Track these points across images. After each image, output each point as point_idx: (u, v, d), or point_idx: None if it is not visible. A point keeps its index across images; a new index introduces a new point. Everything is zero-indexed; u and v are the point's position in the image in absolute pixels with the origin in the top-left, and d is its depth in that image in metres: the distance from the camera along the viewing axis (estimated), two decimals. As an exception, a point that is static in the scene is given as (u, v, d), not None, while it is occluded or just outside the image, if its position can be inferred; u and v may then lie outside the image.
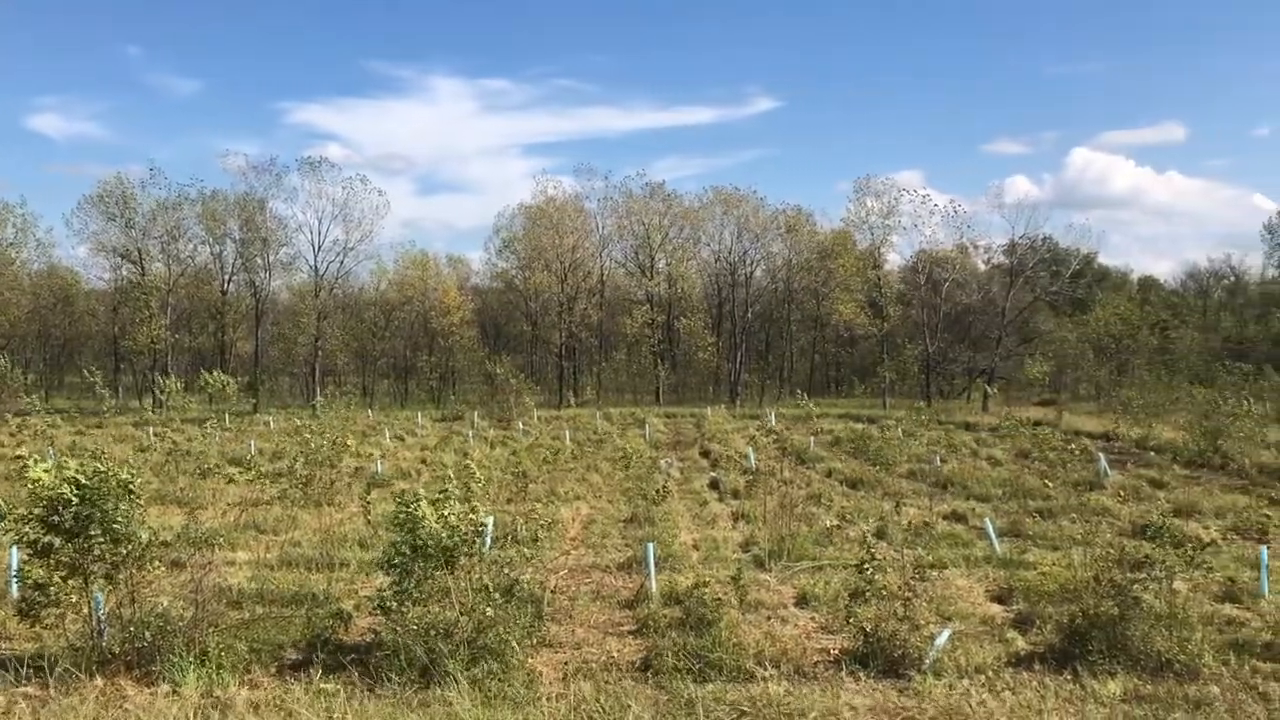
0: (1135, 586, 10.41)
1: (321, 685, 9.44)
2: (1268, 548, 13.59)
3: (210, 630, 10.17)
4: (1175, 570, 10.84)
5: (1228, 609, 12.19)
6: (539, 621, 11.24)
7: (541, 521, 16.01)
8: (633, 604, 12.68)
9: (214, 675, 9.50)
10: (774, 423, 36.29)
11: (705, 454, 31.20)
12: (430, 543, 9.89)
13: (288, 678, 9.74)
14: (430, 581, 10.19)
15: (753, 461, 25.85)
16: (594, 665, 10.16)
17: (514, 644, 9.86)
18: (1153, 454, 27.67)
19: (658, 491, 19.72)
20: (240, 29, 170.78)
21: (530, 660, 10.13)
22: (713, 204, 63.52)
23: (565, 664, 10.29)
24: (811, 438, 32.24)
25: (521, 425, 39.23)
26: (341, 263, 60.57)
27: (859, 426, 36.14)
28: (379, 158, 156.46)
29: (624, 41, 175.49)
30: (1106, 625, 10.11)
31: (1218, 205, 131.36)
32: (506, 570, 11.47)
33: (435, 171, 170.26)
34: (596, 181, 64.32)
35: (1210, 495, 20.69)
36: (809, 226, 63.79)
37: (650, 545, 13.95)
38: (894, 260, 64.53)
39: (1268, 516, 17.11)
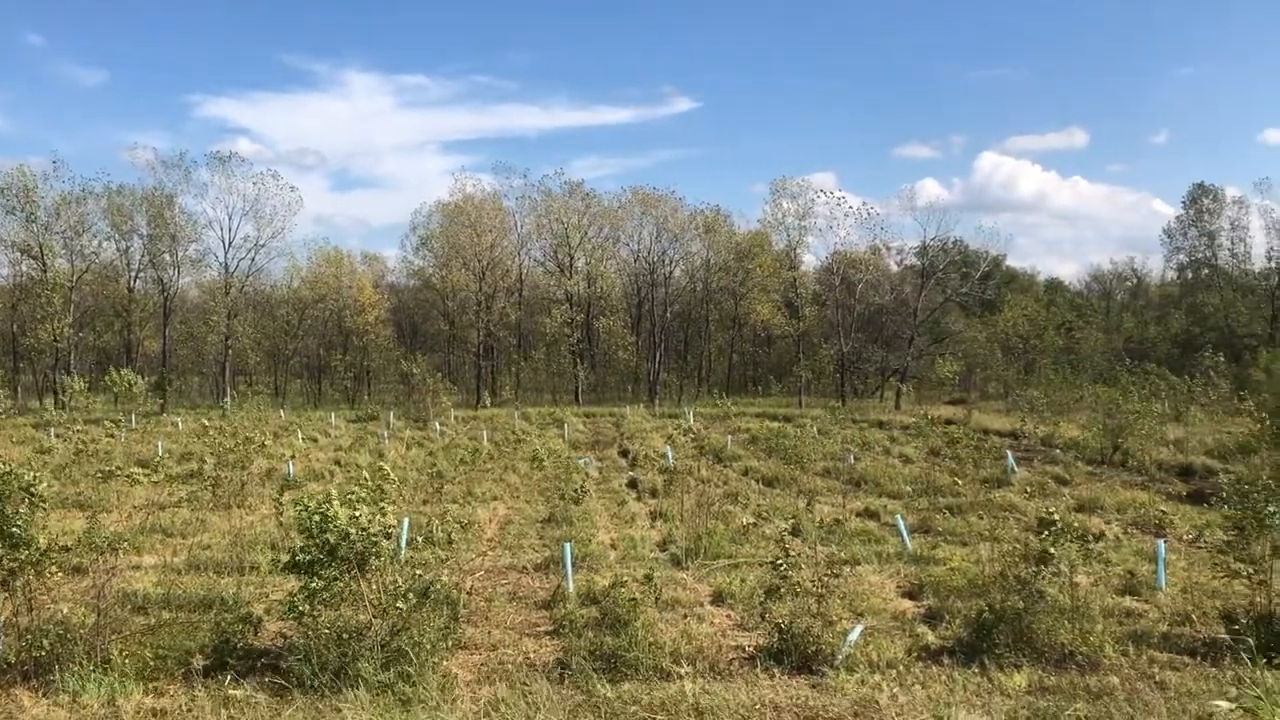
0: (1040, 581, 10.71)
1: (230, 692, 9.23)
2: (1165, 542, 14.07)
3: (113, 638, 9.88)
4: (1077, 564, 11.19)
5: (1127, 601, 12.58)
6: (454, 623, 11.13)
7: (457, 522, 15.89)
8: (550, 604, 12.65)
9: (117, 684, 9.22)
10: (692, 422, 36.56)
11: (624, 453, 31.25)
12: (341, 545, 9.73)
13: (195, 685, 9.50)
14: (342, 584, 10.02)
15: (671, 460, 25.97)
16: (510, 666, 10.12)
17: (428, 646, 9.76)
18: (1058, 451, 28.46)
19: (576, 491, 19.71)
20: (148, 19, 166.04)
21: (445, 662, 10.04)
22: (632, 204, 63.71)
23: (481, 666, 10.23)
24: (729, 436, 32.51)
25: (438, 425, 38.84)
26: (253, 260, 59.37)
27: (775, 425, 36.52)
28: (292, 153, 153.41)
29: (543, 39, 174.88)
30: (1012, 619, 10.38)
31: (1119, 210, 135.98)
32: (421, 572, 11.34)
33: (350, 168, 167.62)
34: (515, 180, 64.26)
35: (1112, 491, 21.36)
36: (727, 227, 64.40)
37: (567, 545, 13.94)
38: (809, 261, 65.58)
39: (1164, 512, 17.74)
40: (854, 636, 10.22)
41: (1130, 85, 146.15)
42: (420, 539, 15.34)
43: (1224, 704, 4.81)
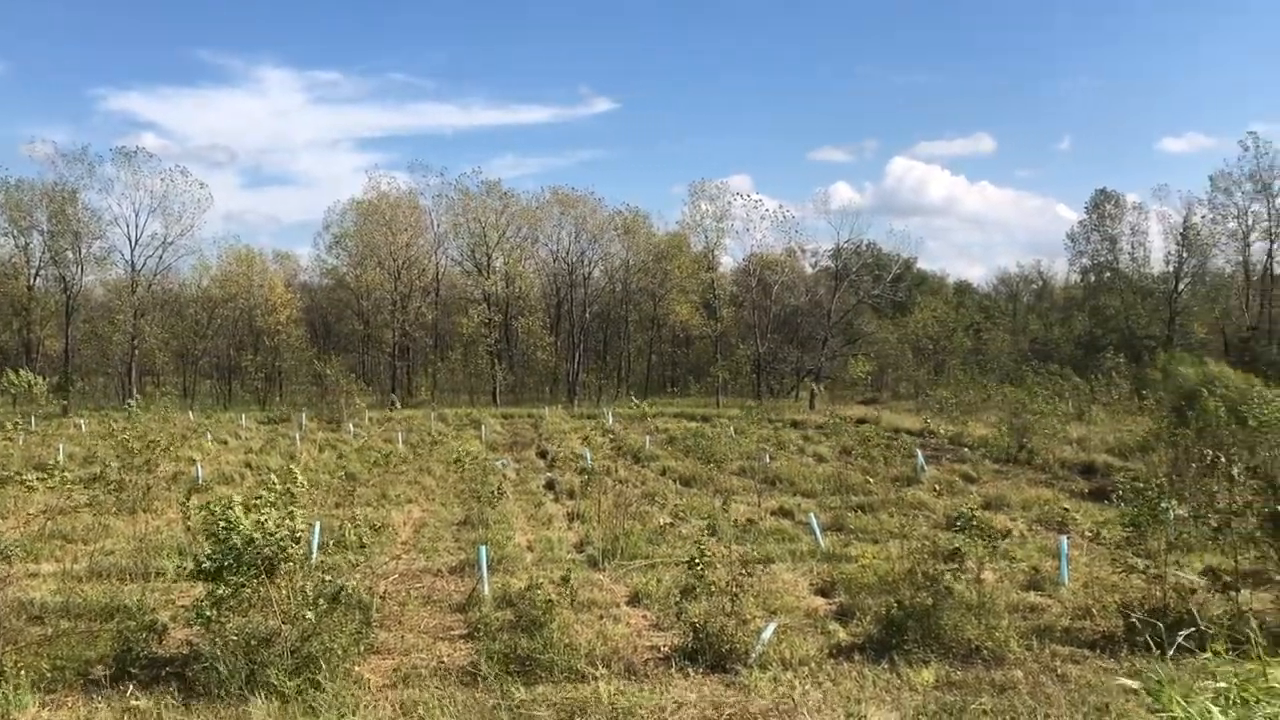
0: (947, 577, 10.97)
1: (133, 702, 8.97)
2: (1067, 538, 14.48)
3: (7, 648, 9.53)
4: (984, 560, 11.47)
5: (1032, 596, 12.93)
6: (367, 628, 10.96)
7: (370, 525, 15.66)
8: (465, 607, 12.54)
9: (10, 697, 8.89)
10: (611, 422, 36.61)
11: (542, 454, 31.14)
12: (248, 550, 9.53)
13: (95, 696, 9.22)
14: (250, 590, 9.81)
15: (589, 461, 25.95)
16: (423, 671, 10.00)
17: (339, 652, 9.61)
18: (966, 450, 29.13)
19: (492, 493, 19.56)
20: (51, 9, 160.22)
21: (357, 668, 9.88)
22: (550, 204, 63.59)
23: (394, 670, 10.09)
24: (647, 436, 32.62)
25: (352, 427, 38.25)
26: (160, 258, 57.87)
27: (693, 425, 36.74)
28: (202, 149, 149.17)
29: (459, 37, 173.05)
30: (921, 615, 10.59)
31: (1025, 214, 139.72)
32: (332, 576, 11.15)
33: (262, 164, 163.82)
34: (432, 178, 63.96)
35: (1017, 489, 21.91)
36: (646, 228, 64.66)
37: (483, 548, 13.83)
38: (727, 263, 66.17)
39: (1067, 509, 18.27)
40: (767, 635, 10.33)
41: (1035, 93, 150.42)
42: (332, 543, 15.06)
43: (1129, 682, 5.02)
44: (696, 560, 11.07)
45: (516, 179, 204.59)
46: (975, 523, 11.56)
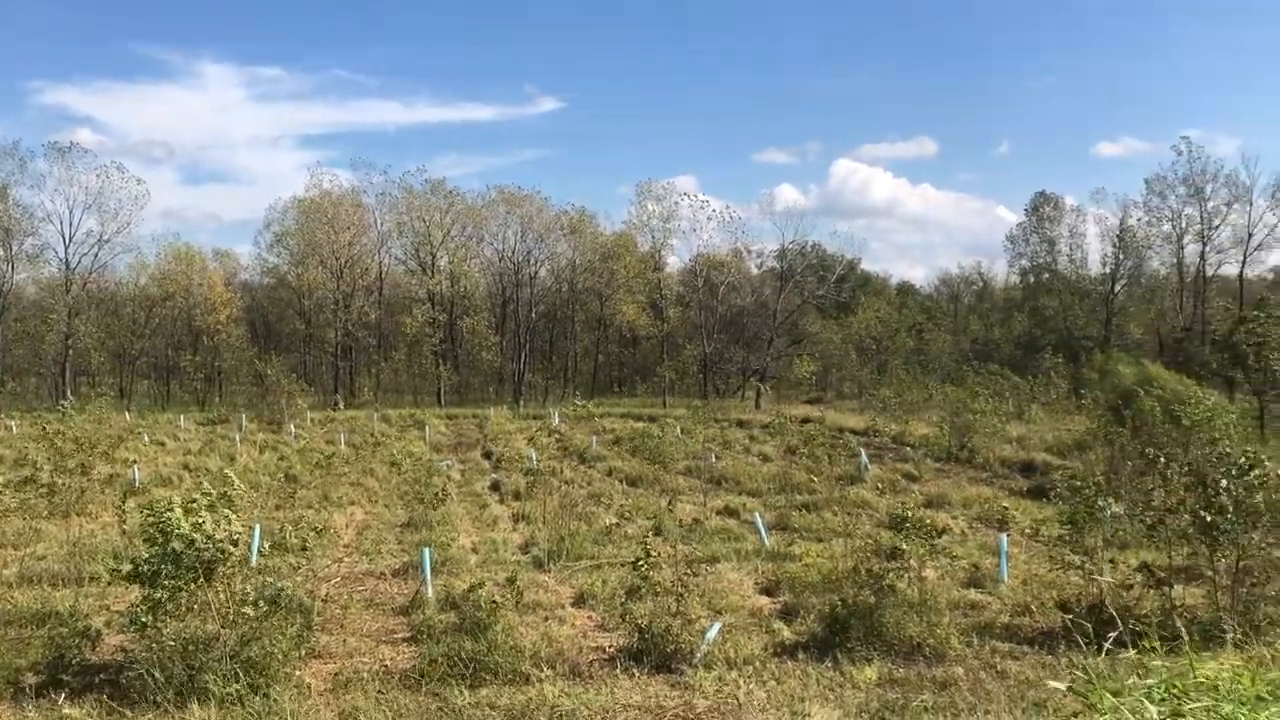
0: (889, 575, 11.08)
1: (65, 710, 8.76)
2: (1007, 536, 14.70)
3: (-68, 658, 9.25)
4: (925, 558, 11.60)
5: (972, 594, 13.10)
6: (308, 632, 10.81)
7: (312, 527, 15.41)
8: (408, 610, 12.42)
9: (-65, 707, 8.64)
10: (557, 422, 36.46)
11: (487, 455, 30.97)
12: (186, 553, 9.34)
13: (25, 705, 8.98)
14: (187, 594, 9.62)
15: (535, 462, 25.83)
16: (365, 675, 9.87)
17: (280, 656, 9.45)
18: (908, 449, 29.47)
19: (436, 495, 19.40)
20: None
21: (298, 672, 9.74)
22: (496, 203, 63.23)
23: (336, 675, 9.95)
24: (594, 437, 32.57)
25: (293, 428, 37.71)
26: (96, 256, 56.63)
27: (640, 425, 36.79)
28: (139, 144, 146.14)
29: (403, 35, 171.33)
30: (864, 613, 10.69)
31: (966, 216, 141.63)
32: (272, 579, 10.97)
33: (201, 161, 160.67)
34: (375, 176, 62.88)
35: (958, 488, 22.23)
36: (592, 228, 64.55)
37: (426, 550, 13.69)
38: (673, 263, 66.32)
39: (1006, 507, 18.56)
40: (712, 634, 10.36)
41: (974, 98, 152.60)
42: (271, 546, 14.82)
43: (1058, 684, 5.10)
44: (642, 561, 11.07)
45: (461, 177, 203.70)
46: (916, 521, 11.70)
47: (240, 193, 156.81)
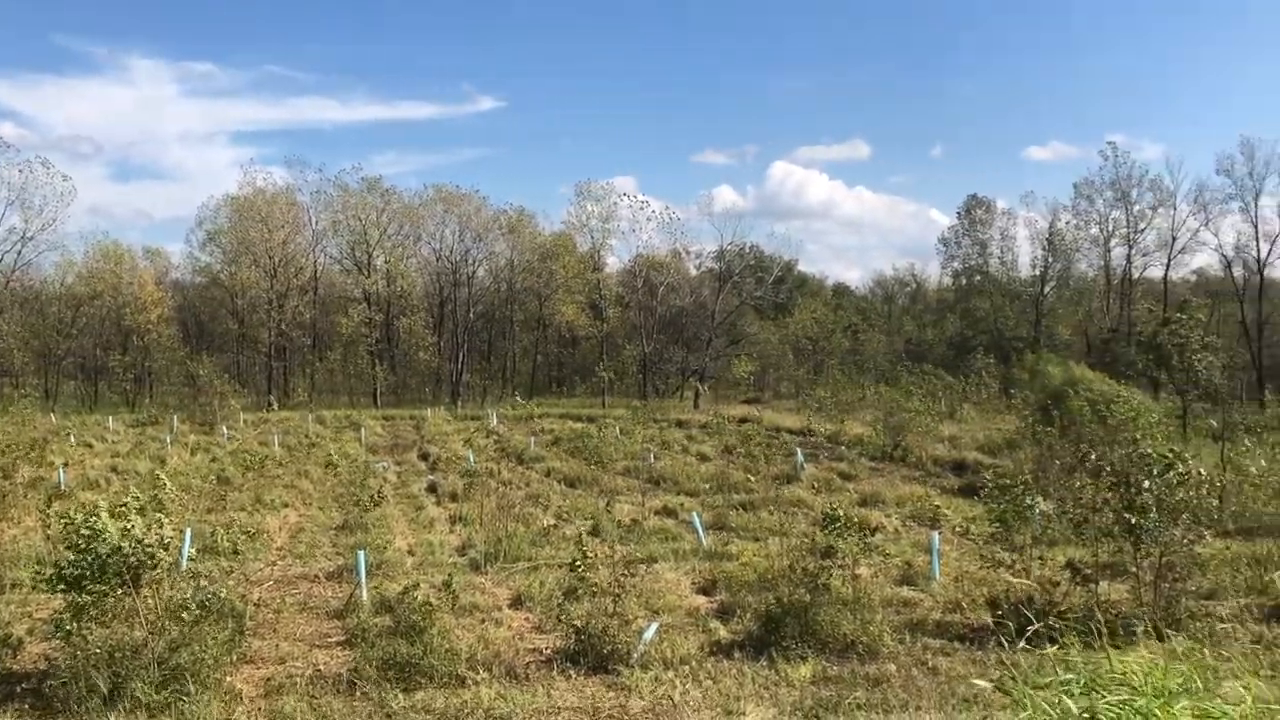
0: (824, 574, 11.21)
1: (-17, 722, 8.54)
2: (939, 534, 14.96)
3: None
4: (859, 557, 11.77)
5: (905, 591, 13.32)
6: (240, 637, 10.66)
7: (244, 531, 15.19)
8: (342, 614, 12.30)
9: None
10: (495, 423, 36.32)
11: (424, 457, 30.71)
12: (113, 558, 9.15)
13: (-58, 717, 8.74)
14: (114, 600, 9.44)
15: (472, 463, 25.70)
16: (298, 679, 9.76)
17: (210, 662, 9.30)
18: (843, 448, 29.82)
19: (372, 496, 19.21)
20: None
21: (229, 678, 9.60)
22: (434, 201, 62.61)
23: (268, 680, 9.83)
24: (532, 438, 32.45)
25: (226, 430, 37.04)
26: (20, 253, 55.05)
27: (578, 425, 36.73)
28: (65, 139, 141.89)
29: (339, 31, 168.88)
30: (799, 612, 10.81)
31: (900, 218, 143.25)
32: (203, 584, 10.79)
33: (130, 157, 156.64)
34: (310, 174, 61.77)
35: (892, 486, 22.55)
36: (531, 228, 64.24)
37: (361, 552, 13.56)
38: (613, 263, 66.28)
39: (938, 506, 18.86)
40: (649, 635, 10.40)
41: (906, 101, 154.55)
42: (200, 550, 14.59)
43: (983, 683, 5.24)
44: (579, 562, 11.08)
45: (398, 176, 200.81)
46: (849, 520, 11.86)
47: (171, 190, 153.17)
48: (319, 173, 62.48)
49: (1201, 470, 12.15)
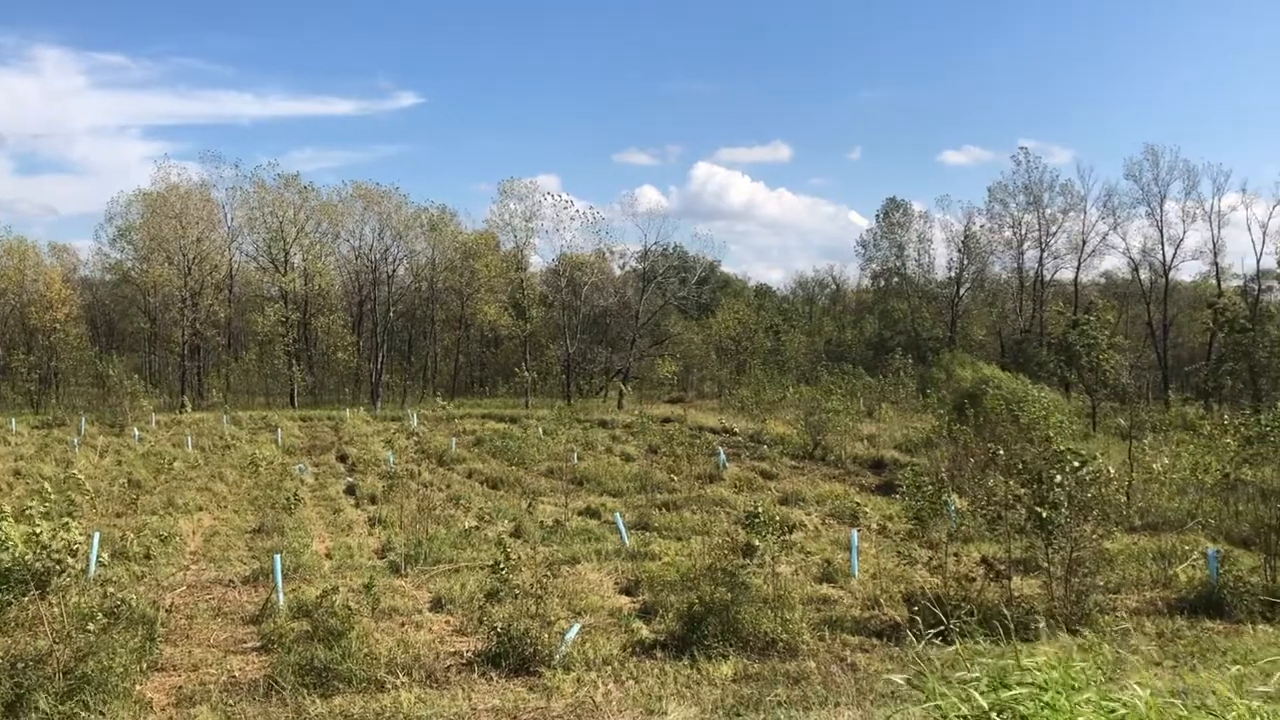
0: (745, 572, 11.31)
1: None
2: (858, 531, 15.19)
3: None
4: (780, 555, 11.89)
5: (825, 588, 13.50)
6: (150, 644, 10.38)
7: (156, 535, 14.83)
8: (259, 619, 12.06)
9: None
10: (416, 424, 35.90)
11: (343, 458, 30.24)
12: (16, 566, 8.84)
13: None
14: (17, 609, 9.13)
15: (392, 465, 25.40)
16: (212, 687, 9.54)
17: (119, 671, 9.05)
18: (765, 447, 30.09)
19: (289, 499, 18.87)
20: None
21: (139, 687, 9.34)
22: (353, 199, 61.61)
23: (179, 688, 9.59)
24: (454, 439, 32.17)
25: (137, 431, 36.06)
26: (-85, 248, 52.87)
27: (501, 426, 36.54)
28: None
29: (253, 24, 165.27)
30: (720, 610, 10.89)
31: (821, 220, 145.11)
32: (112, 590, 10.50)
33: (37, 150, 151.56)
34: (225, 170, 60.40)
35: (813, 484, 22.84)
36: (453, 226, 63.65)
37: (278, 556, 13.31)
38: (536, 263, 66.02)
39: (858, 503, 19.16)
40: (571, 635, 10.39)
41: (827, 104, 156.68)
42: (112, 555, 14.17)
43: (898, 678, 5.35)
44: (501, 564, 11.01)
45: (316, 173, 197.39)
46: (770, 519, 11.98)
47: (80, 185, 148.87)
48: (235, 169, 61.21)
49: (1110, 469, 12.55)
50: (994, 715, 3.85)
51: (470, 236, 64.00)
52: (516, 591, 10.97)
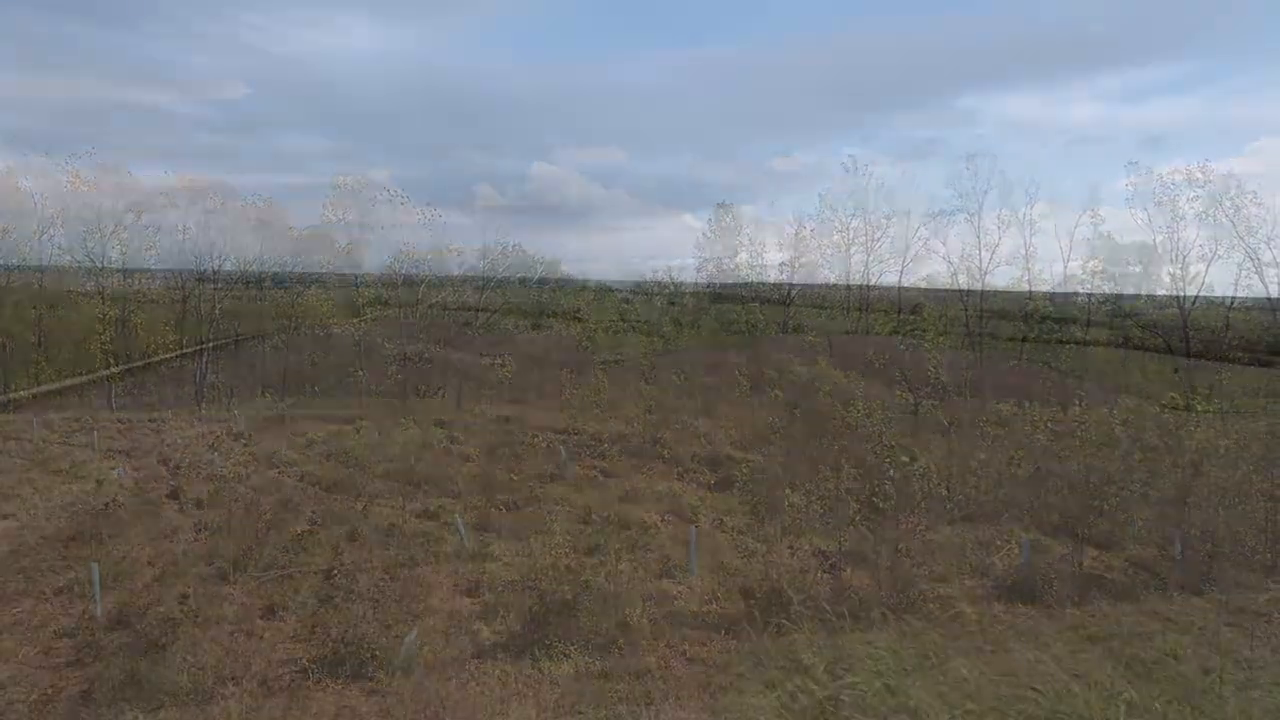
0: (586, 571, 11.38)
1: None
2: (696, 528, 15.45)
3: None
4: (620, 553, 12.01)
5: (665, 584, 13.68)
6: (-50, 664, 9.68)
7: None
8: (74, 632, 11.39)
9: None
10: (244, 426, 34.59)
11: (165, 461, 28.81)
12: None
13: None
14: None
15: (219, 468, 24.39)
16: (20, 705, 8.97)
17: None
18: (606, 446, 30.25)
19: (107, 505, 17.88)
20: None
21: (-64, 711, 8.70)
22: (176, 190, 58.86)
23: (-16, 709, 8.98)
24: (285, 440, 31.10)
25: (-67, 435, 33.47)
26: None
27: (335, 427, 35.52)
28: None
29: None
30: (562, 610, 10.93)
31: (658, 222, 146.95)
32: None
33: None
34: (35, 158, 56.67)
35: (652, 482, 23.08)
36: (283, 221, 61.63)
37: (95, 565, 12.60)
38: (371, 260, 64.56)
39: (697, 500, 19.49)
40: (411, 639, 10.22)
41: (661, 107, 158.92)
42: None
43: (737, 670, 5.53)
44: (335, 569, 10.74)
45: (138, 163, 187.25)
46: (610, 517, 12.10)
47: None
48: (45, 156, 57.57)
49: (933, 465, 13.18)
50: (838, 698, 4.02)
51: (302, 232, 62.12)
52: (353, 596, 10.73)
